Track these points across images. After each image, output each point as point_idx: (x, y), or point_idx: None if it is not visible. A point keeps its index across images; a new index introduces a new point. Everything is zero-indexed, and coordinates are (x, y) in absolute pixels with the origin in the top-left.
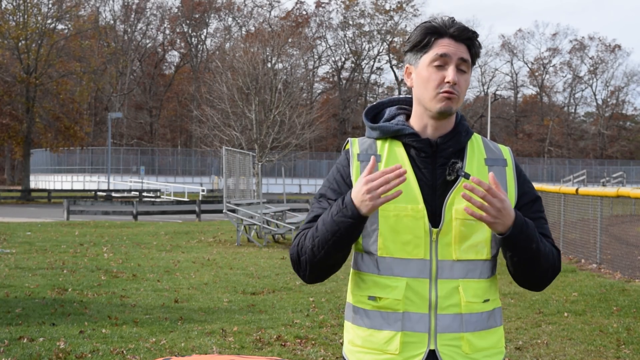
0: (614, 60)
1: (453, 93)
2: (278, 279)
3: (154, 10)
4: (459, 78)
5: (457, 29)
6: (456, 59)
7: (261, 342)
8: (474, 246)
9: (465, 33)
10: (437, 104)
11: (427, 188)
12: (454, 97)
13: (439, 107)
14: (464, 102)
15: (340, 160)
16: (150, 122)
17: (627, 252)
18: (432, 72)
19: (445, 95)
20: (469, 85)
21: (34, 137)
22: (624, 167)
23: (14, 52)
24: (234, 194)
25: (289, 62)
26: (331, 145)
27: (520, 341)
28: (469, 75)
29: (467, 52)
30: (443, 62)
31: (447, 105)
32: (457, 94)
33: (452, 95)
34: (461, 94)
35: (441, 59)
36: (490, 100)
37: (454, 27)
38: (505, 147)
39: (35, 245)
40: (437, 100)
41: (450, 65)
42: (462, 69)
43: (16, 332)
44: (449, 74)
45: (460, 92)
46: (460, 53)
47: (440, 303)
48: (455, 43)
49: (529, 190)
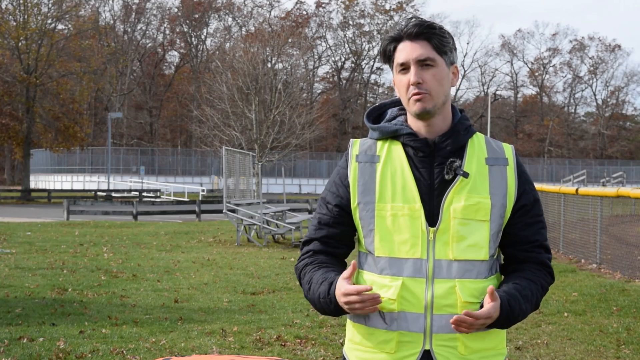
0: (614, 60)
1: (421, 93)
2: (278, 279)
3: (153, 10)
4: (423, 75)
5: (410, 28)
6: (414, 61)
7: (261, 342)
8: (471, 246)
9: (419, 29)
10: (412, 107)
11: (425, 187)
12: (424, 97)
13: (413, 110)
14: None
15: (340, 162)
16: (150, 122)
17: (627, 252)
18: (400, 79)
19: (414, 98)
20: (444, 77)
21: (34, 137)
22: (624, 167)
23: (14, 52)
24: (234, 194)
25: (289, 62)
26: (331, 145)
27: (520, 341)
28: (438, 68)
29: (427, 47)
30: (405, 67)
31: (419, 106)
32: (426, 92)
33: (420, 94)
34: (432, 91)
35: (401, 65)
36: (490, 100)
37: (407, 27)
38: (508, 146)
39: (35, 245)
40: (411, 103)
41: (410, 68)
42: (428, 64)
43: (16, 332)
44: (410, 77)
45: (430, 88)
46: (416, 53)
47: (436, 303)
48: (412, 43)
49: (530, 192)
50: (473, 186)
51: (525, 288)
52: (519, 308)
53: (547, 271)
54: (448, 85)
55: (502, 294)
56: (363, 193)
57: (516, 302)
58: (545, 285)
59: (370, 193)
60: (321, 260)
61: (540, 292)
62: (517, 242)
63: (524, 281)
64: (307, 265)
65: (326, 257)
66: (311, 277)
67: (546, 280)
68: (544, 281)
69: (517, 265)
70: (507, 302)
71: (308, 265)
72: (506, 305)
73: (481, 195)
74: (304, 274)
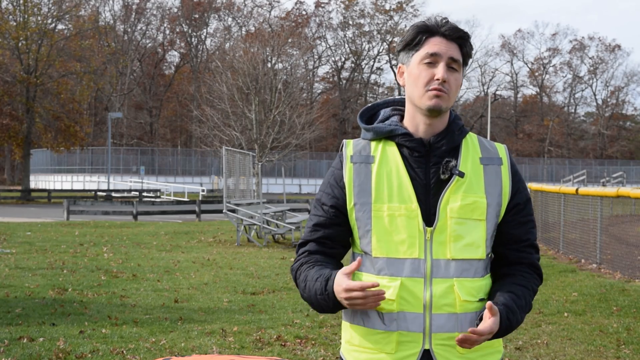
0: (614, 60)
1: (442, 90)
2: (278, 279)
3: (153, 10)
4: (449, 76)
5: (449, 28)
6: (446, 58)
7: (261, 342)
8: (468, 245)
9: (457, 32)
10: (427, 102)
11: (421, 187)
12: (443, 95)
13: (428, 105)
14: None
15: (334, 163)
16: (150, 122)
17: (627, 252)
18: (422, 70)
19: (434, 93)
20: (460, 85)
21: (34, 137)
22: (624, 167)
23: (14, 52)
24: (234, 194)
25: (289, 62)
26: (331, 145)
27: (520, 341)
28: (460, 74)
29: (458, 52)
30: (433, 60)
31: (436, 102)
32: (446, 91)
33: (441, 92)
34: (451, 93)
35: (431, 57)
36: (490, 100)
37: (446, 26)
38: (501, 146)
39: (35, 245)
40: (426, 97)
41: (440, 63)
42: (453, 68)
43: (16, 332)
44: (438, 71)
45: (450, 90)
46: (450, 52)
47: (435, 302)
48: (447, 42)
49: (523, 190)
50: (469, 186)
51: (520, 297)
52: (516, 319)
53: (537, 273)
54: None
55: (501, 308)
56: (359, 194)
57: (514, 314)
58: (535, 289)
59: (367, 194)
60: (316, 260)
61: (532, 296)
62: (509, 241)
63: (519, 289)
64: (303, 264)
65: (322, 257)
66: (306, 275)
67: (536, 284)
68: (534, 285)
69: (508, 268)
70: (505, 315)
71: (303, 264)
72: (505, 319)
73: (477, 194)
74: (299, 273)
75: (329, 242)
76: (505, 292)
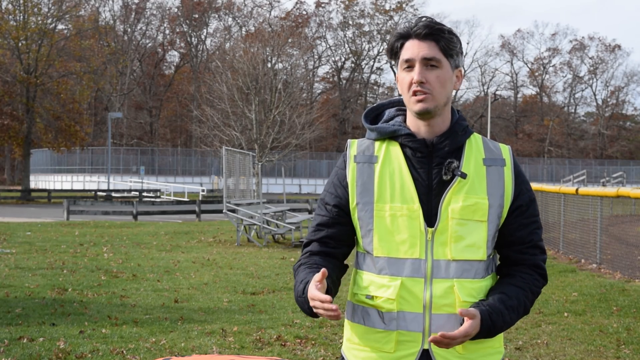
0: (614, 60)
1: (423, 92)
2: (278, 279)
3: (153, 10)
4: (427, 75)
5: (420, 27)
6: (420, 59)
7: (261, 342)
8: (469, 246)
9: (429, 30)
10: (413, 106)
11: (423, 188)
12: (426, 96)
13: (414, 109)
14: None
15: (338, 163)
16: (150, 122)
17: (627, 252)
18: (404, 76)
19: (416, 98)
20: (447, 79)
21: (34, 137)
22: (624, 167)
23: (14, 52)
24: (234, 194)
25: (289, 62)
26: (331, 145)
27: (520, 341)
28: (443, 70)
29: (434, 49)
30: (410, 64)
31: (421, 106)
32: (428, 91)
33: (422, 94)
34: (434, 91)
35: (407, 62)
36: (490, 100)
37: (417, 26)
38: (505, 147)
39: (35, 245)
40: (412, 102)
41: (415, 67)
42: (433, 65)
43: (16, 332)
44: (413, 75)
45: (432, 89)
46: (423, 52)
47: (435, 303)
48: (420, 42)
49: (526, 192)
50: (471, 187)
51: (511, 298)
52: (502, 320)
53: (539, 274)
54: (451, 88)
55: (484, 308)
56: (362, 193)
57: (498, 315)
58: (535, 290)
59: (369, 193)
60: (314, 262)
61: (530, 297)
62: (513, 243)
63: (512, 289)
64: (301, 265)
65: (322, 258)
66: (297, 276)
67: (537, 285)
68: (534, 286)
69: (509, 268)
70: (488, 316)
71: (302, 265)
72: (487, 320)
73: (479, 195)
74: (296, 274)
75: (332, 242)
76: (497, 292)
